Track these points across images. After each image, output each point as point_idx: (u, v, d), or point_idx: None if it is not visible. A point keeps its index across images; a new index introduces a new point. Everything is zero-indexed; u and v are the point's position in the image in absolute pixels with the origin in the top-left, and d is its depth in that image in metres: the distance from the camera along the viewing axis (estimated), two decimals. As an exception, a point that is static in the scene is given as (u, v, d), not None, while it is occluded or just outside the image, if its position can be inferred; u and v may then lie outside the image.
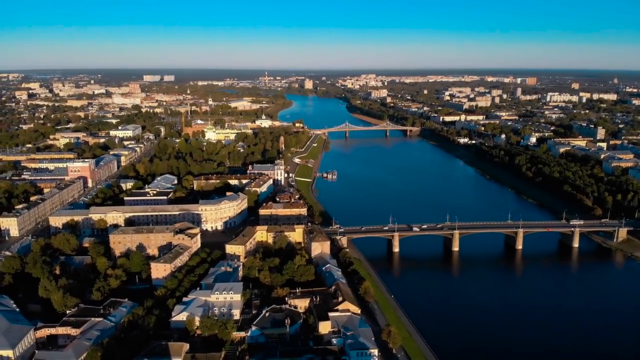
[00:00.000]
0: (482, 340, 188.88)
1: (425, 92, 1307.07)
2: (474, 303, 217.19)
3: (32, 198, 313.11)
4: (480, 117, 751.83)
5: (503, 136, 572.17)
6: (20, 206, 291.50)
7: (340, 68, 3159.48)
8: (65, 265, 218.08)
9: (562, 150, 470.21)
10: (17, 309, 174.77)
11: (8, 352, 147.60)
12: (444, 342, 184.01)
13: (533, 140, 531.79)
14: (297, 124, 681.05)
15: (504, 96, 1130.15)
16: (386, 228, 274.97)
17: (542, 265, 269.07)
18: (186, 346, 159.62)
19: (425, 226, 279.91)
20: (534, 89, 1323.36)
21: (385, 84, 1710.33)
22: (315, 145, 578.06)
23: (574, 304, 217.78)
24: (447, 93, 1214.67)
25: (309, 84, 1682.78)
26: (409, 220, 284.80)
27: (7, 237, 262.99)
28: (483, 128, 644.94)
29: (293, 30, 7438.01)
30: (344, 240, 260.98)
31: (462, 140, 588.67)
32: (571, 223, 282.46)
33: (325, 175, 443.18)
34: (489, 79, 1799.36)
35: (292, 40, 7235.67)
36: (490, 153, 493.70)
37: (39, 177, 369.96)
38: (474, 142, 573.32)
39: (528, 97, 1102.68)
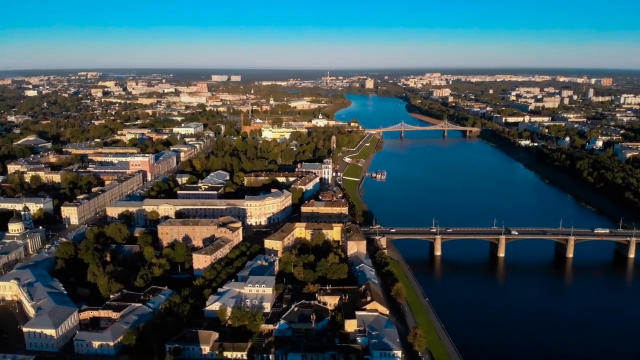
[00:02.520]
0: (518, 353, 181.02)
1: (491, 91, 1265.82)
2: (515, 313, 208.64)
3: (94, 189, 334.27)
4: (546, 119, 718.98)
5: (567, 139, 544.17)
6: (81, 196, 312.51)
7: (403, 67, 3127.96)
8: (115, 253, 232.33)
9: (629, 155, 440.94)
10: (65, 292, 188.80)
11: (51, 331, 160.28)
12: (475, 350, 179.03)
13: (599, 144, 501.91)
14: (352, 124, 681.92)
15: (574, 97, 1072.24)
16: (428, 230, 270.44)
17: (594, 275, 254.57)
18: (215, 335, 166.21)
19: (470, 230, 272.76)
20: (608, 90, 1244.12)
21: (450, 83, 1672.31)
22: (367, 145, 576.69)
23: (627, 321, 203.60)
24: (513, 93, 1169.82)
25: (369, 84, 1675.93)
26: (455, 223, 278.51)
27: (67, 225, 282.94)
28: (547, 130, 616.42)
29: (356, 30, 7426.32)
30: (383, 241, 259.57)
31: (524, 143, 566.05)
32: (627, 232, 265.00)
33: (374, 175, 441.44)
34: (561, 79, 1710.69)
35: (355, 39, 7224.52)
36: (551, 156, 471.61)
37: (102, 170, 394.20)
38: (535, 144, 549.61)
39: (600, 99, 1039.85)
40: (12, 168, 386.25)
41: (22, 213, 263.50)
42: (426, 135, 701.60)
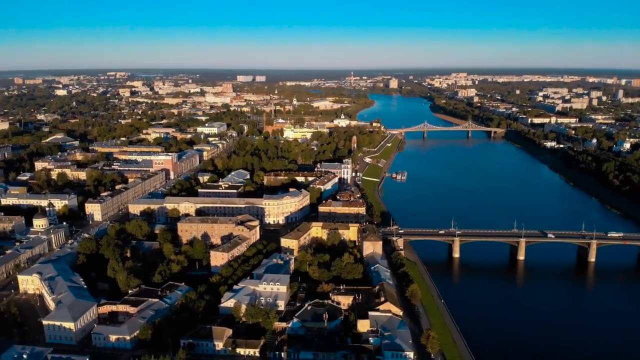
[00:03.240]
0: (534, 359, 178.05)
1: (518, 92, 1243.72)
2: (534, 317, 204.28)
3: (117, 187, 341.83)
4: (573, 120, 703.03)
5: (594, 141, 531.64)
6: (105, 193, 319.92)
7: (428, 67, 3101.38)
8: (135, 249, 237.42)
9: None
10: (85, 286, 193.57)
11: (70, 325, 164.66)
12: (490, 354, 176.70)
13: (627, 146, 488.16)
14: (374, 124, 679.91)
15: (603, 98, 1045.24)
16: (446, 231, 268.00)
17: (617, 280, 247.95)
18: (228, 331, 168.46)
19: (489, 232, 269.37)
20: (639, 92, 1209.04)
21: (476, 83, 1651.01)
22: (389, 145, 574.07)
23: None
24: (540, 94, 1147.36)
25: (393, 83, 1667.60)
26: (475, 225, 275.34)
27: (90, 221, 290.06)
28: (573, 132, 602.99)
29: (381, 30, 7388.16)
30: (400, 242, 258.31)
31: (549, 144, 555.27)
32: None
33: (394, 175, 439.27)
34: (591, 79, 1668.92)
35: (379, 39, 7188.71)
36: (576, 158, 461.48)
37: (126, 168, 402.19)
38: (561, 146, 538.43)
39: (630, 100, 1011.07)
40: (39, 165, 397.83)
41: (47, 209, 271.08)
42: (450, 135, 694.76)
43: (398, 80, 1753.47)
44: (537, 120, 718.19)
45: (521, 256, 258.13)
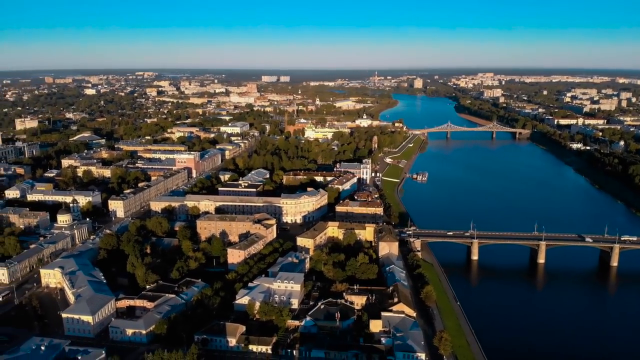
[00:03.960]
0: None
1: (545, 92, 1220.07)
2: (553, 322, 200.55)
3: (140, 184, 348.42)
4: (601, 122, 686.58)
5: (622, 143, 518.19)
6: (128, 191, 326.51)
7: (454, 67, 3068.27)
8: (154, 246, 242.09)
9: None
10: (104, 281, 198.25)
11: (88, 318, 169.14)
12: (505, 357, 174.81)
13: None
14: (396, 124, 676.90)
15: (633, 100, 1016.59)
16: (464, 233, 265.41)
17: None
18: (242, 328, 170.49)
19: (509, 234, 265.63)
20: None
21: (503, 83, 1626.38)
22: (411, 145, 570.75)
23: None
24: (568, 94, 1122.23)
25: (418, 83, 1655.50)
26: (495, 227, 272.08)
27: (113, 218, 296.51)
28: (601, 133, 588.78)
29: (404, 30, 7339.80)
30: (417, 243, 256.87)
31: (575, 146, 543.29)
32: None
33: (414, 176, 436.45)
34: (621, 80, 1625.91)
35: (404, 39, 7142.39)
36: (602, 161, 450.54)
37: (150, 166, 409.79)
38: (587, 148, 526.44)
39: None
40: (66, 163, 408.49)
41: (71, 205, 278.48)
42: (473, 136, 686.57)
43: (423, 80, 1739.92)
44: (563, 122, 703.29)
45: (541, 259, 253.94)
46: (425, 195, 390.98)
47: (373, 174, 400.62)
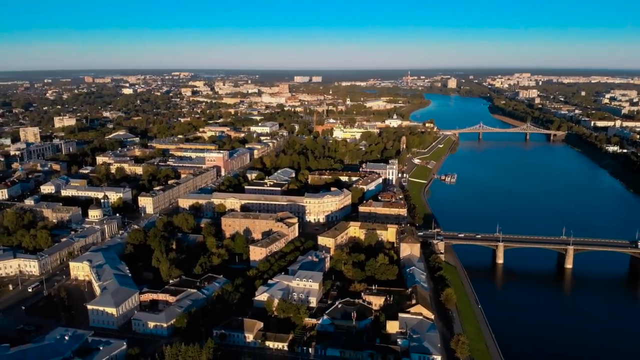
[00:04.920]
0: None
1: (583, 93, 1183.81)
2: (579, 329, 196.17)
3: (170, 182, 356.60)
4: (639, 124, 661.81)
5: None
6: (157, 188, 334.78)
7: (490, 66, 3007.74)
8: (180, 241, 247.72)
9: None
10: (129, 275, 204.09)
11: (112, 310, 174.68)
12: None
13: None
14: (427, 124, 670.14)
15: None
16: (490, 236, 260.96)
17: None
18: (259, 324, 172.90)
19: (536, 238, 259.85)
20: None
21: (540, 83, 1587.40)
22: (441, 146, 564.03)
23: None
24: (607, 96, 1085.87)
25: (452, 83, 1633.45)
26: (523, 231, 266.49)
27: (142, 214, 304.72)
28: (639, 136, 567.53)
29: (438, 30, 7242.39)
30: (440, 245, 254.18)
31: (611, 149, 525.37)
32: None
33: (443, 177, 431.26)
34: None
35: (439, 38, 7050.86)
36: (639, 164, 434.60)
37: (180, 164, 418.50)
38: (624, 151, 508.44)
39: None
40: (100, 160, 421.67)
41: (102, 201, 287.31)
42: (506, 137, 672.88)
43: (457, 80, 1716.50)
44: (600, 124, 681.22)
45: (569, 264, 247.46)
46: (452, 197, 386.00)
47: (400, 175, 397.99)
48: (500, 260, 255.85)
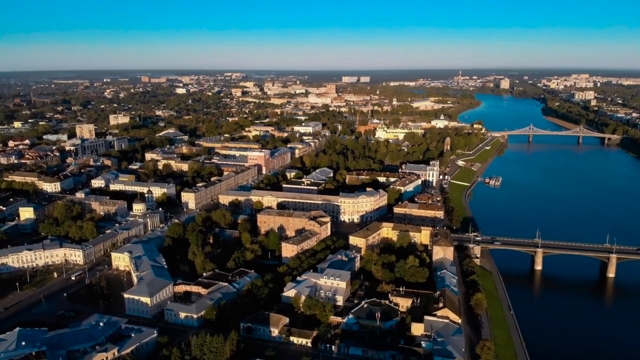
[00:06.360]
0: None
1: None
2: (617, 344, 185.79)
3: (212, 178, 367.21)
4: None
5: None
6: (200, 184, 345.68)
7: (546, 67, 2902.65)
8: (217, 236, 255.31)
9: None
10: (166, 266, 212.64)
11: (147, 299, 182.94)
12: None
13: None
14: (474, 125, 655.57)
15: None
16: (529, 242, 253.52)
17: None
18: (285, 319, 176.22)
19: (577, 245, 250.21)
20: None
21: (598, 85, 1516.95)
22: (487, 148, 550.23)
23: None
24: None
25: (504, 84, 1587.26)
26: (565, 237, 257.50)
27: (185, 209, 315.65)
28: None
29: (491, 30, 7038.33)
30: (476, 249, 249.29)
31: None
32: None
33: (487, 180, 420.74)
34: None
35: (492, 38, 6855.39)
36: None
37: (224, 162, 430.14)
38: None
39: None
40: (149, 156, 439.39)
41: (147, 195, 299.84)
42: (558, 140, 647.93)
43: (510, 81, 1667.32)
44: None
45: (611, 274, 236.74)
46: (495, 201, 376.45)
47: (441, 177, 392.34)
48: (538, 266, 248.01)
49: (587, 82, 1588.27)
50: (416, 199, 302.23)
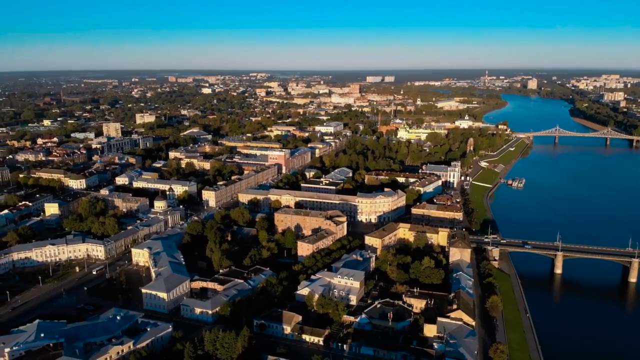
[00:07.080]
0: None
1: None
2: (637, 353, 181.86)
3: (233, 177, 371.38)
4: None
5: None
6: (221, 182, 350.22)
7: (576, 67, 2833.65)
8: (235, 234, 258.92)
9: None
10: (183, 263, 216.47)
11: (163, 295, 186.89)
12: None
13: None
14: (499, 126, 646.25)
15: None
16: (548, 245, 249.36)
17: None
18: (297, 317, 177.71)
19: (598, 249, 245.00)
20: None
21: (629, 86, 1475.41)
22: (512, 149, 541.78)
23: None
24: None
25: (532, 84, 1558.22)
26: (585, 240, 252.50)
27: (205, 207, 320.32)
28: None
29: (518, 30, 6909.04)
30: (495, 252, 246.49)
31: None
32: None
33: (510, 182, 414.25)
34: None
35: (520, 38, 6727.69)
36: None
37: (245, 161, 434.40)
38: None
39: None
40: (172, 155, 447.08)
41: (168, 193, 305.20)
42: (585, 142, 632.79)
43: (538, 81, 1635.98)
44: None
45: (633, 278, 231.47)
46: (517, 203, 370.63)
47: (462, 178, 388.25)
48: (558, 270, 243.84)
49: (617, 83, 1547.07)
50: (435, 200, 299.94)
